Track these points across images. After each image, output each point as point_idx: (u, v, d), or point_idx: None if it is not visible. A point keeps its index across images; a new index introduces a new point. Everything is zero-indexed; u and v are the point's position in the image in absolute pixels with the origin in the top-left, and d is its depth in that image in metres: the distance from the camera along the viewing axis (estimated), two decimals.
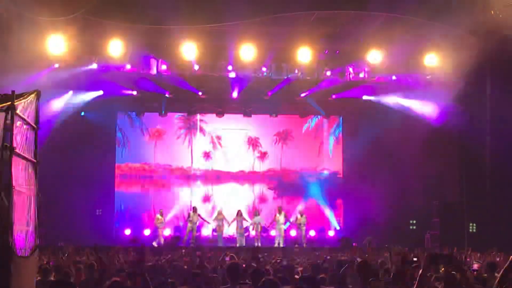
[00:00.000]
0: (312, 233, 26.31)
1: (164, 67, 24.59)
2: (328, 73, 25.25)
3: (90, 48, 23.28)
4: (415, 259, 9.09)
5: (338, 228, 27.34)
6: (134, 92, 25.85)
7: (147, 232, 25.84)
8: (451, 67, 22.92)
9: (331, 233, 26.96)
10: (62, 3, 19.28)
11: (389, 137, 25.31)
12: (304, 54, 23.83)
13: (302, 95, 26.31)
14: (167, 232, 25.51)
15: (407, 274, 7.30)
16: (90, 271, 10.30)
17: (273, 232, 25.55)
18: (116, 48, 22.86)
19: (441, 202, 24.95)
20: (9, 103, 7.46)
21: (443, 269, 7.70)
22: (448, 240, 21.46)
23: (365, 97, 26.58)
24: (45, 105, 20.98)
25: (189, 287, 8.92)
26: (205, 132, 27.92)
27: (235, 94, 26.10)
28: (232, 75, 25.10)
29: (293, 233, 25.85)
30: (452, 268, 7.04)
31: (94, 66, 23.71)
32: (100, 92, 25.35)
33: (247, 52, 23.44)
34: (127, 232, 25.87)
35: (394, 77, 25.28)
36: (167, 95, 26.25)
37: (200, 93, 26.23)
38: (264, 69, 25.01)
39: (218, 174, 27.91)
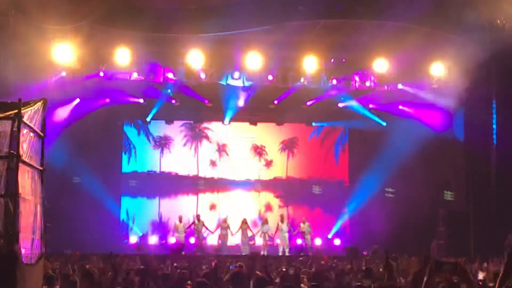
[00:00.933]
0: (318, 241, 26.25)
1: (170, 75, 24.65)
2: (334, 81, 25.28)
3: (97, 56, 23.35)
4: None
5: (343, 237, 27.26)
6: (141, 100, 25.90)
7: (153, 239, 25.85)
8: (457, 76, 22.92)
9: (337, 241, 26.87)
10: (69, 11, 19.37)
11: (395, 146, 25.25)
12: (310, 63, 23.87)
13: (308, 103, 26.32)
14: (173, 240, 25.50)
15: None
16: (90, 278, 10.29)
17: (278, 241, 25.51)
18: (122, 56, 22.93)
19: (447, 210, 24.87)
20: (16, 111, 7.50)
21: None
22: (454, 249, 21.40)
23: (371, 106, 26.56)
24: (52, 113, 21.11)
25: None
26: (211, 140, 27.94)
27: (241, 103, 26.12)
28: (239, 83, 25.15)
29: (298, 241, 25.79)
30: (458, 278, 6.99)
31: (101, 74, 23.80)
32: (107, 100, 25.42)
33: (254, 60, 23.49)
34: (133, 239, 25.88)
35: (400, 86, 25.28)
36: (173, 103, 26.30)
37: (206, 101, 26.28)
38: (270, 77, 25.05)
39: (224, 182, 27.91)
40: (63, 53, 22.02)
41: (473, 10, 19.88)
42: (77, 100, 24.69)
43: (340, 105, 26.62)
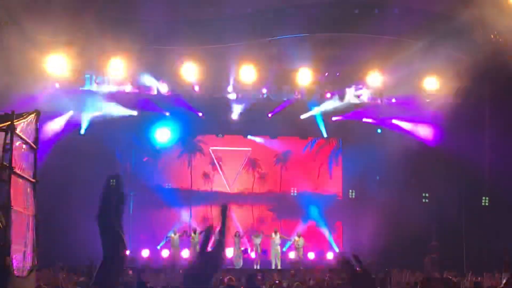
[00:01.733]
0: (311, 255, 26.19)
1: (164, 87, 24.67)
2: (328, 95, 25.34)
3: (91, 68, 23.36)
4: None
5: (337, 250, 27.20)
6: (134, 113, 25.84)
7: (145, 253, 25.74)
8: (451, 90, 23.00)
9: (330, 255, 26.80)
10: (63, 23, 19.37)
11: (389, 159, 25.27)
12: (305, 76, 23.92)
13: (302, 116, 26.33)
14: (166, 253, 25.40)
15: None
16: None
17: (271, 254, 25.41)
18: (116, 68, 22.95)
19: (440, 224, 24.88)
20: (9, 122, 7.48)
21: None
22: (447, 263, 21.39)
23: (365, 119, 26.59)
24: (45, 125, 21.05)
25: None
26: (204, 153, 27.88)
27: (235, 116, 26.12)
28: (233, 96, 25.20)
29: (291, 255, 25.74)
30: None
31: (94, 86, 23.80)
32: (100, 112, 25.36)
33: (247, 73, 23.52)
34: (126, 252, 25.73)
35: (394, 100, 25.37)
36: (167, 115, 26.28)
37: (200, 114, 26.28)
38: (264, 90, 25.09)
39: (218, 195, 27.81)
40: (57, 64, 22.04)
41: (466, 25, 19.97)
42: (71, 112, 24.63)
43: (334, 118, 26.63)
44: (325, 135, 27.47)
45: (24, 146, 8.17)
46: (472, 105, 23.18)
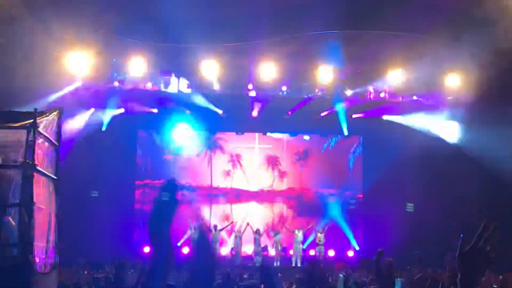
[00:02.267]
0: (331, 253, 26.16)
1: (185, 85, 24.75)
2: (349, 92, 25.28)
3: (112, 66, 23.50)
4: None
5: (357, 248, 27.13)
6: (155, 110, 25.96)
7: None
8: (473, 87, 22.83)
9: (350, 253, 26.76)
10: (85, 21, 19.49)
11: (410, 158, 25.15)
12: (325, 73, 23.87)
13: (322, 114, 26.28)
14: (186, 250, 25.49)
15: None
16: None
17: (291, 251, 25.41)
18: (137, 66, 23.08)
19: (462, 223, 24.70)
20: (32, 120, 7.54)
21: None
22: None
23: (385, 117, 26.47)
24: (67, 122, 21.18)
25: None
26: (224, 151, 27.92)
27: (255, 113, 26.14)
28: (253, 93, 25.22)
29: (311, 252, 25.73)
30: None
31: (115, 83, 23.96)
32: (122, 110, 25.50)
33: (268, 71, 23.53)
34: (146, 249, 25.86)
35: (415, 97, 25.24)
36: (187, 113, 26.35)
37: (220, 112, 26.32)
38: (284, 88, 25.08)
39: (238, 192, 27.87)
40: (79, 62, 22.16)
41: (488, 23, 19.81)
42: (92, 110, 24.78)
43: (354, 116, 26.56)
44: (345, 132, 27.39)
45: (46, 143, 8.23)
46: (494, 102, 22.96)
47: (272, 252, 25.60)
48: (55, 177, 8.49)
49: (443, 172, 25.28)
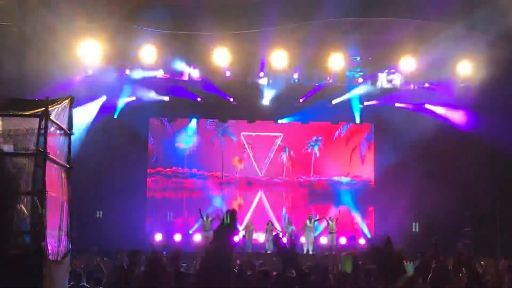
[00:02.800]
0: (342, 240, 26.12)
1: (196, 73, 24.74)
2: (361, 80, 25.19)
3: (123, 53, 23.50)
4: None
5: (369, 236, 27.12)
6: (166, 98, 25.96)
7: (177, 237, 25.92)
8: (485, 74, 22.69)
9: (361, 241, 26.73)
10: (97, 8, 19.49)
11: (421, 145, 25.07)
12: (336, 61, 23.78)
13: (334, 101, 26.21)
14: (198, 238, 25.57)
15: None
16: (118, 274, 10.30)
17: (302, 239, 25.37)
18: (149, 54, 23.07)
19: (473, 211, 24.63)
20: (43, 108, 7.54)
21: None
22: (480, 249, 21.17)
23: (397, 104, 26.36)
24: (78, 110, 21.22)
25: None
26: (236, 139, 27.91)
27: (266, 101, 26.08)
28: (264, 81, 25.17)
29: (323, 240, 25.72)
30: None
31: (127, 71, 23.98)
32: (133, 98, 25.53)
33: (279, 58, 23.46)
34: (158, 237, 25.96)
35: (427, 85, 25.11)
36: (198, 101, 26.34)
37: (231, 100, 26.28)
38: (295, 75, 25.02)
39: (249, 180, 27.87)
40: (90, 50, 22.18)
41: (501, 8, 19.67)
42: (104, 98, 24.81)
43: (366, 103, 26.48)
44: (357, 120, 27.32)
45: (58, 131, 8.24)
46: (506, 89, 22.82)
47: (284, 240, 25.57)
48: (67, 165, 8.50)
49: (455, 159, 25.18)
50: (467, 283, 7.02)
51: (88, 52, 22.18)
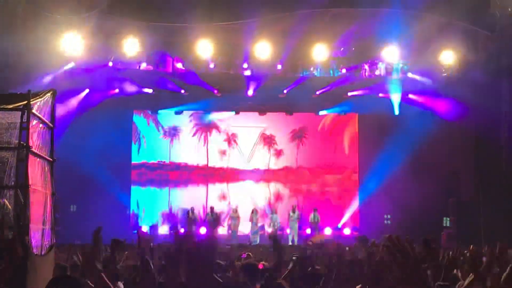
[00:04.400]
0: (327, 231, 26.22)
1: (179, 65, 24.67)
2: (344, 70, 25.25)
3: (106, 46, 23.38)
4: None
5: (353, 226, 27.22)
6: (150, 90, 25.87)
7: (163, 230, 25.91)
8: (467, 64, 22.82)
9: (346, 231, 26.83)
10: (78, 1, 19.39)
11: (405, 135, 25.17)
12: (320, 52, 23.81)
13: (318, 92, 26.23)
14: (183, 231, 25.53)
15: None
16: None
17: (288, 230, 25.48)
18: (131, 46, 22.99)
19: (457, 200, 24.78)
20: (25, 102, 7.49)
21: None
22: (464, 239, 21.32)
23: (381, 94, 26.43)
24: (61, 103, 21.12)
25: None
26: (220, 130, 27.88)
27: (250, 92, 26.07)
28: (248, 73, 25.16)
29: (308, 231, 25.81)
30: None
31: (110, 64, 23.87)
32: (116, 90, 25.42)
33: (263, 49, 23.45)
34: (143, 229, 25.91)
35: (410, 74, 25.22)
36: (182, 93, 26.27)
37: (215, 91, 26.24)
38: (279, 66, 25.03)
39: (234, 172, 27.88)
40: (72, 43, 22.07)
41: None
42: (86, 91, 24.70)
43: (350, 94, 26.53)
44: (341, 111, 27.39)
45: (40, 125, 8.18)
46: (489, 79, 22.94)
47: (268, 231, 25.65)
48: (50, 159, 8.45)
49: (439, 149, 25.31)
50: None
51: (70, 44, 22.06)
